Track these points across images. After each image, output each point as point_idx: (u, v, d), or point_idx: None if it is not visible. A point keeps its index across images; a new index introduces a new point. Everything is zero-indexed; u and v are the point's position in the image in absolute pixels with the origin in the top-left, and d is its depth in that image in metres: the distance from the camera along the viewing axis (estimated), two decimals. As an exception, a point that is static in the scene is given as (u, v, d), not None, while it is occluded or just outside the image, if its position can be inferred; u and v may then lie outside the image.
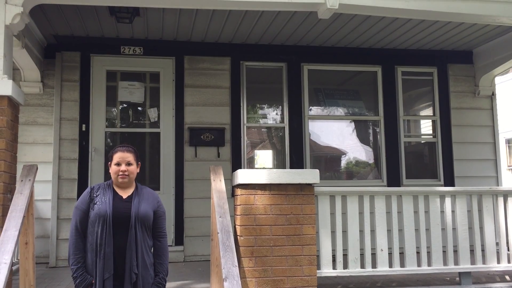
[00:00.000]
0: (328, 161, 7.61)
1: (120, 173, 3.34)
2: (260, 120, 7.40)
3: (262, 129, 7.46)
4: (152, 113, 7.01)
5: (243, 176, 4.37)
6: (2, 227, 3.88)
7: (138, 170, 3.45)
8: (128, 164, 3.37)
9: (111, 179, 3.45)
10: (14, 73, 5.95)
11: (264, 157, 7.60)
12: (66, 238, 6.44)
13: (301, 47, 7.32)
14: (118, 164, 3.36)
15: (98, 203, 3.28)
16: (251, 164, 7.32)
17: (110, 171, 3.41)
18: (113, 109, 7.00)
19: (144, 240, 3.30)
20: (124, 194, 3.38)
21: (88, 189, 3.40)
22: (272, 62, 7.35)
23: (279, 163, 7.33)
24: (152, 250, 3.39)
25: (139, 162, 3.48)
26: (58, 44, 6.75)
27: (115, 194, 3.36)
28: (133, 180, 3.43)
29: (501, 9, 5.01)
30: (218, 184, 4.48)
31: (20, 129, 4.80)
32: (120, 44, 6.90)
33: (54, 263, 6.36)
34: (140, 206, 3.31)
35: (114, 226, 3.23)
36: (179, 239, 6.74)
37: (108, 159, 3.48)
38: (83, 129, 6.69)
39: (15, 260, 5.06)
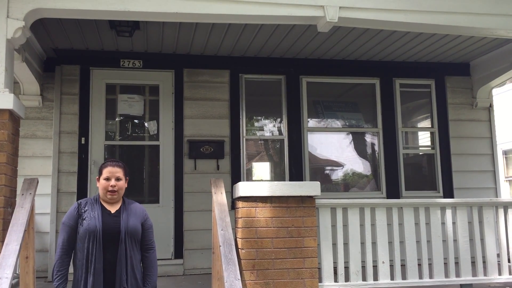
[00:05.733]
0: (328, 173, 7.61)
1: (110, 188, 3.34)
2: (259, 132, 7.41)
3: (261, 142, 7.47)
4: (151, 125, 7.02)
5: (244, 188, 4.36)
6: (2, 241, 3.86)
7: (126, 185, 3.46)
8: (118, 179, 3.37)
9: (97, 194, 3.45)
10: (13, 86, 5.96)
11: (264, 169, 7.60)
12: (65, 252, 6.40)
13: (300, 59, 7.36)
14: (107, 179, 3.36)
15: (87, 218, 3.27)
16: (250, 177, 7.31)
17: (98, 185, 3.41)
18: (113, 122, 6.99)
19: (134, 254, 3.31)
20: (112, 208, 3.38)
21: (75, 205, 3.38)
22: (271, 74, 7.39)
23: (278, 176, 7.33)
24: (141, 264, 3.40)
25: (127, 177, 3.49)
26: (57, 58, 6.76)
27: (103, 209, 3.36)
28: (121, 195, 3.43)
29: (499, 22, 5.06)
30: (219, 197, 4.48)
31: (19, 142, 4.79)
32: (119, 57, 6.92)
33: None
34: (129, 221, 3.32)
35: (104, 241, 3.23)
36: (178, 252, 6.71)
37: (97, 174, 3.49)
38: (83, 142, 6.68)
39: (15, 274, 5.02)
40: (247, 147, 7.22)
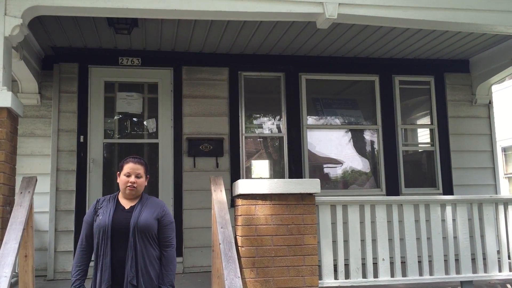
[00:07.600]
0: (327, 171, 7.60)
1: (129, 184, 3.32)
2: (259, 130, 7.39)
3: (261, 139, 7.46)
4: (150, 123, 7.00)
5: (244, 186, 4.35)
6: (1, 240, 3.85)
7: (146, 183, 3.44)
8: (138, 176, 3.36)
9: (117, 191, 3.44)
10: (12, 84, 5.95)
11: (263, 167, 7.59)
12: (64, 250, 6.40)
13: (299, 57, 7.34)
14: (128, 175, 3.34)
15: (100, 215, 3.28)
16: (249, 174, 7.29)
17: (118, 181, 3.40)
18: (111, 120, 6.97)
19: (147, 251, 3.26)
20: (128, 205, 3.36)
21: (94, 202, 3.43)
22: (270, 72, 7.37)
23: (277, 173, 7.32)
24: (157, 261, 3.35)
25: (148, 176, 3.47)
26: (56, 56, 6.74)
27: (118, 205, 3.34)
28: (140, 192, 3.41)
29: (499, 18, 5.05)
30: (219, 195, 4.47)
31: (17, 140, 4.77)
32: (118, 55, 6.89)
33: (52, 275, 6.30)
34: (141, 216, 3.28)
35: (115, 237, 3.21)
36: (178, 250, 6.51)
37: (118, 168, 3.47)
38: (81, 140, 6.65)
39: (14, 272, 5.01)
40: (246, 145, 7.21)
